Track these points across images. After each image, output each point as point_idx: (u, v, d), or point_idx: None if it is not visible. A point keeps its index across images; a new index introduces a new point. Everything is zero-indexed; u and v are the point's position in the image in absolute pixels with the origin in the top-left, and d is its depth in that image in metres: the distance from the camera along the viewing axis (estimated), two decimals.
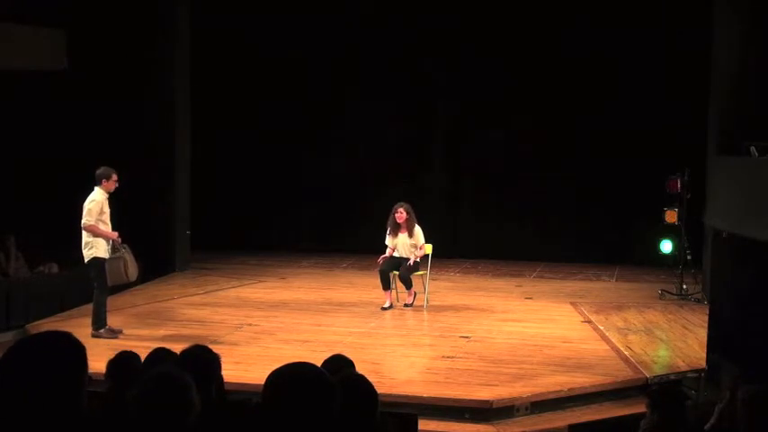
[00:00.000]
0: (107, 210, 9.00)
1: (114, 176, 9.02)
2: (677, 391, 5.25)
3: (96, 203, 8.90)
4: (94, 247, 8.91)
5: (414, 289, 10.67)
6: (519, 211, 14.44)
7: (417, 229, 10.60)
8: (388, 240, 10.68)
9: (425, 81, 14.77)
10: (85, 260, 9.00)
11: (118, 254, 8.99)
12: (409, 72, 14.72)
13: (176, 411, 2.69)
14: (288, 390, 2.42)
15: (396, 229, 10.62)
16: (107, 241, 8.95)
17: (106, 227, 8.98)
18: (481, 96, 14.49)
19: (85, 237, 8.93)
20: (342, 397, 2.54)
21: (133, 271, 9.21)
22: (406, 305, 10.68)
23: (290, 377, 2.45)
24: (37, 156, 12.63)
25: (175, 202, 13.15)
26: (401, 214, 10.53)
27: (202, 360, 4.19)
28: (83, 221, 8.91)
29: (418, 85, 14.78)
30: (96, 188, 8.98)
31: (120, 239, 9.05)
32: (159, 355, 4.69)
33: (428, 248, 10.83)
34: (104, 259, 8.95)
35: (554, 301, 11.26)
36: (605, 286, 12.57)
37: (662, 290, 11.64)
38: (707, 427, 5.10)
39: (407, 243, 10.57)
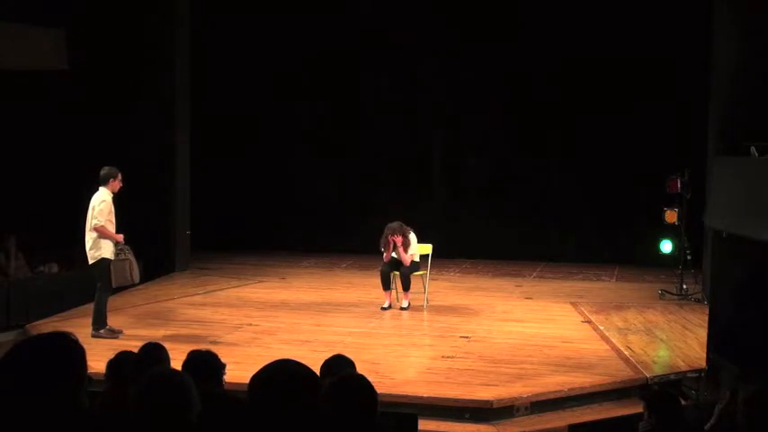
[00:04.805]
0: (113, 210, 8.98)
1: (120, 176, 8.99)
2: (672, 393, 5.25)
3: (106, 204, 8.86)
4: (102, 248, 8.87)
5: (410, 293, 10.60)
6: (519, 211, 14.44)
7: (412, 241, 10.52)
8: (383, 251, 10.63)
9: (426, 81, 14.78)
10: (91, 261, 8.94)
11: (123, 255, 8.97)
12: (409, 72, 14.73)
13: (177, 411, 2.69)
14: (270, 386, 2.45)
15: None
16: (114, 242, 8.95)
17: (113, 227, 8.96)
18: (482, 96, 14.50)
19: (92, 237, 8.88)
20: (331, 392, 2.56)
21: (136, 273, 9.20)
22: (401, 308, 10.59)
23: (272, 374, 2.50)
24: (37, 156, 12.63)
25: (175, 202, 13.14)
26: (398, 238, 10.41)
27: (209, 365, 4.23)
28: (94, 222, 8.83)
29: (418, 84, 14.79)
30: (102, 188, 8.93)
31: (123, 241, 9.05)
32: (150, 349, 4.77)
33: (428, 248, 10.82)
34: (110, 260, 8.92)
35: (554, 301, 11.26)
36: (605, 286, 12.58)
37: (662, 290, 11.65)
38: (707, 427, 5.10)
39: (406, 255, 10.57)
